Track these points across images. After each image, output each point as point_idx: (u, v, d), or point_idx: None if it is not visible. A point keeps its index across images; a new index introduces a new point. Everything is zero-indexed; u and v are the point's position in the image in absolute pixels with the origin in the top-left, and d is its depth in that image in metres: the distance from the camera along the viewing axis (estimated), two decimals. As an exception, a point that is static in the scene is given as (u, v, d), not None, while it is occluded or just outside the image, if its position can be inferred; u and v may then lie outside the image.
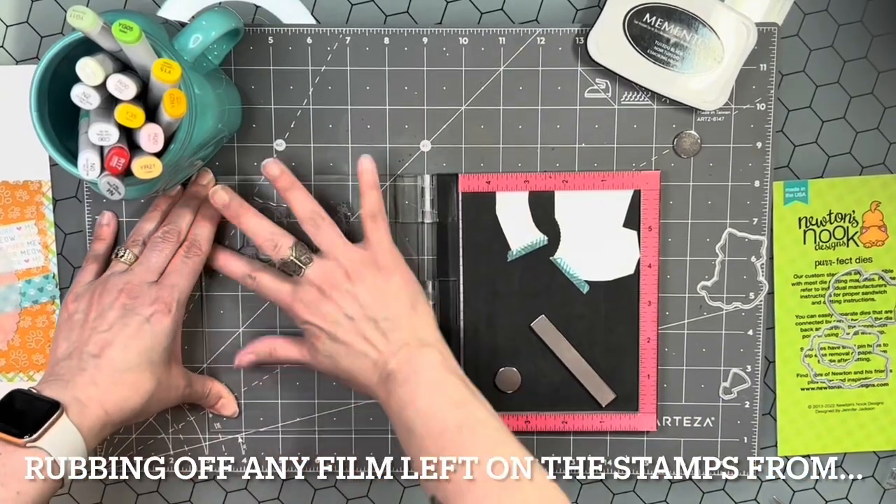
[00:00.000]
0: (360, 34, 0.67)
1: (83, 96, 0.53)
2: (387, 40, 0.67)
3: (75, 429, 0.57)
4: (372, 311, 0.62)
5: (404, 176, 0.68)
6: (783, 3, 0.68)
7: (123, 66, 0.56)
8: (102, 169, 0.54)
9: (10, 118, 0.68)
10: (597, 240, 0.69)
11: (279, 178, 0.64)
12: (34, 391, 0.58)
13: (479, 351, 0.70)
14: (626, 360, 0.70)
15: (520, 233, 0.69)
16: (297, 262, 0.63)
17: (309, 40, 0.67)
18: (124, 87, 0.53)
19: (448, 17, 0.68)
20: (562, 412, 0.70)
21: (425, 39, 0.67)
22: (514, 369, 0.70)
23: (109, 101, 0.54)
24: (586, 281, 0.69)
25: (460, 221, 0.68)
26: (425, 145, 0.68)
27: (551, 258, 0.69)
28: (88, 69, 0.52)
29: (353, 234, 0.66)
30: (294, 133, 0.68)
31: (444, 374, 0.60)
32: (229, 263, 0.67)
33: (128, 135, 0.56)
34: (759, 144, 0.68)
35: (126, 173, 0.55)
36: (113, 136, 0.53)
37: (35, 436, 0.55)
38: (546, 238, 0.69)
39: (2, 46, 0.68)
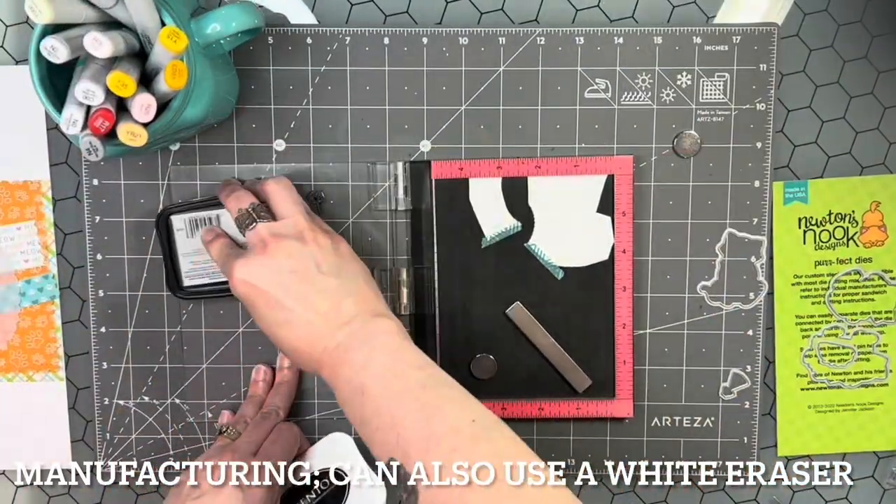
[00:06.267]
0: (360, 34, 0.67)
1: (51, 49, 0.51)
2: (387, 40, 0.67)
3: None
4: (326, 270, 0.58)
5: (377, 163, 0.68)
6: (783, 3, 0.68)
7: (121, 27, 0.55)
8: (85, 126, 0.53)
9: (10, 118, 0.68)
10: (571, 225, 0.68)
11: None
12: None
13: (455, 338, 0.69)
14: (602, 347, 0.70)
15: (493, 219, 0.68)
16: (252, 213, 0.60)
17: (309, 40, 0.67)
18: (99, 45, 0.51)
19: (448, 17, 0.68)
20: (538, 399, 0.70)
21: (425, 39, 0.67)
22: (490, 356, 0.70)
23: (109, 62, 0.54)
24: (561, 267, 0.69)
25: (434, 208, 0.68)
26: (425, 145, 0.68)
27: (525, 244, 0.69)
28: (36, 6, 0.50)
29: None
30: (294, 133, 0.68)
31: (402, 340, 0.57)
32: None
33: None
34: (758, 144, 0.68)
35: (109, 134, 0.53)
36: (98, 97, 0.52)
37: None
38: (520, 224, 0.69)
39: (1, 46, 0.68)
